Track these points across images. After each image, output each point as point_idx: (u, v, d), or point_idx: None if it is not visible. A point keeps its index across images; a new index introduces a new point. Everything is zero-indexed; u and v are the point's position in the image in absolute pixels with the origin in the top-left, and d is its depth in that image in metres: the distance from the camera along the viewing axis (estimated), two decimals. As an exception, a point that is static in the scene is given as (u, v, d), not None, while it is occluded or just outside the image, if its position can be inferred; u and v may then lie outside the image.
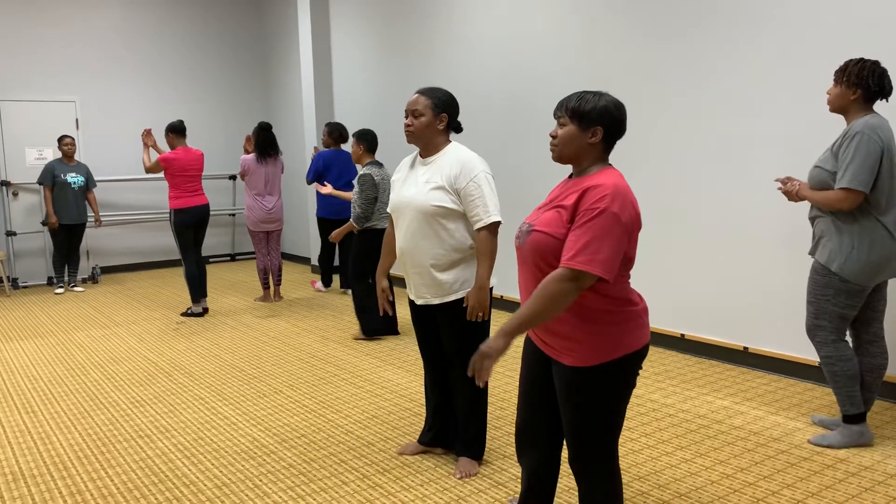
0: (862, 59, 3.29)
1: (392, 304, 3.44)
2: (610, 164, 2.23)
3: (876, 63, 3.27)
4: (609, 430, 2.21)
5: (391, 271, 5.86)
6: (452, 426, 3.45)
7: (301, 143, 9.56)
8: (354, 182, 5.49)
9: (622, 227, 2.04)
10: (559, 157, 2.22)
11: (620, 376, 2.17)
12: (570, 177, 2.27)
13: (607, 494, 2.27)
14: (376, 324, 5.71)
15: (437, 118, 3.12)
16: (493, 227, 3.07)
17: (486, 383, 3.29)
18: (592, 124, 2.14)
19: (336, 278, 8.47)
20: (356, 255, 5.66)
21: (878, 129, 3.21)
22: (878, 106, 3.56)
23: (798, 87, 4.30)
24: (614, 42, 5.35)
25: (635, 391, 4.32)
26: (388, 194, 5.12)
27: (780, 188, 3.50)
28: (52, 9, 8.95)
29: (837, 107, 3.37)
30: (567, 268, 2.03)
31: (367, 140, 5.60)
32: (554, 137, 2.22)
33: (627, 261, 2.15)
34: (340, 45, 8.59)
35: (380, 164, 5.57)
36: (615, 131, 2.19)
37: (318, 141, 8.54)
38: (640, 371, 2.22)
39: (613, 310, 2.14)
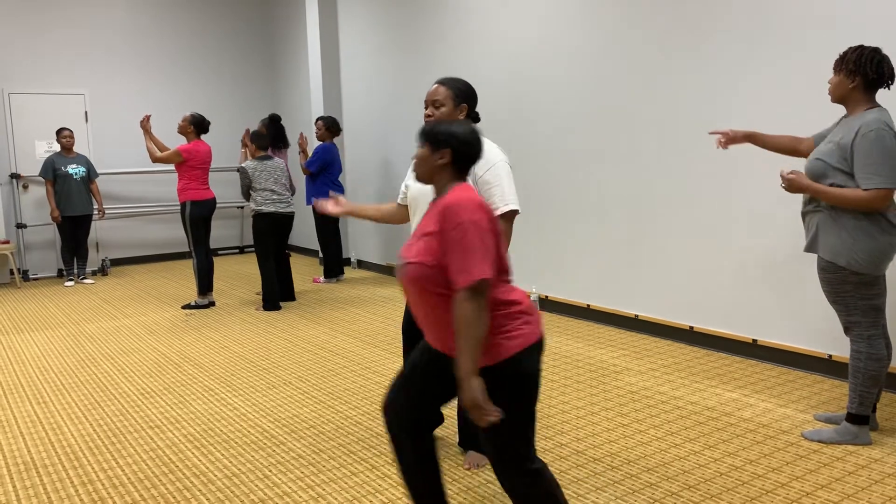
0: (861, 47, 3.22)
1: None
2: (463, 182, 2.30)
3: (875, 50, 3.21)
4: (520, 429, 2.21)
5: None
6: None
7: (308, 137, 9.55)
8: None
9: (485, 230, 2.14)
10: (419, 178, 2.34)
11: (516, 373, 2.18)
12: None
13: (539, 494, 2.25)
14: (275, 299, 6.63)
15: (458, 109, 3.11)
16: (510, 216, 3.04)
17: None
18: (441, 146, 2.26)
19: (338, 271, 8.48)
20: (254, 237, 6.59)
21: (891, 124, 3.16)
22: (881, 95, 3.53)
23: (807, 82, 4.27)
24: (620, 41, 5.33)
25: (644, 383, 4.32)
26: (272, 182, 6.52)
27: (784, 177, 3.34)
28: (62, 2, 8.97)
29: (838, 96, 3.31)
30: (462, 289, 2.10)
31: (259, 140, 6.63)
32: (414, 159, 2.35)
33: (501, 266, 2.24)
34: (348, 40, 8.58)
35: (265, 158, 6.59)
36: (464, 153, 2.28)
37: (312, 135, 8.56)
38: (542, 366, 2.25)
39: (495, 313, 2.18)
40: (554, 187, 6.06)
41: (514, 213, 3.05)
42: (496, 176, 3.03)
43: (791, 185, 3.32)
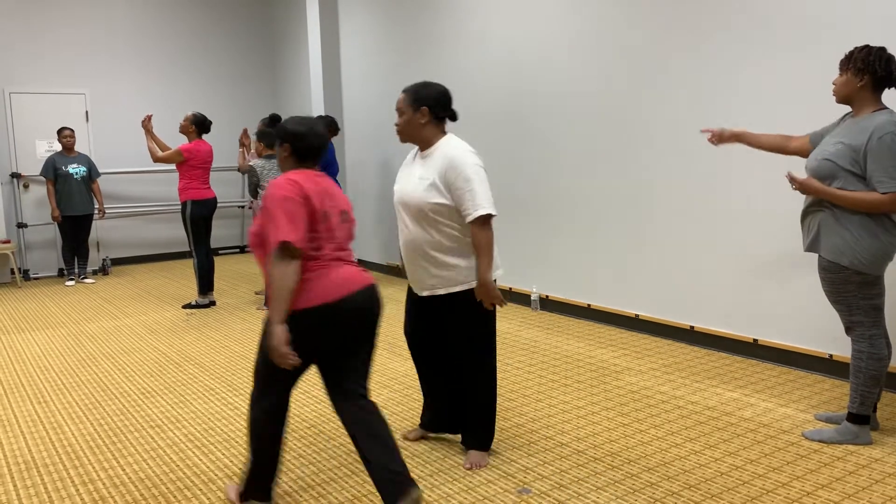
0: (867, 46, 3.21)
1: None
2: (299, 169, 2.72)
3: (882, 49, 3.20)
4: (260, 368, 2.70)
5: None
6: (451, 411, 3.47)
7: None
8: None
9: (289, 202, 2.55)
10: (280, 169, 2.82)
11: (293, 328, 2.53)
12: None
13: (251, 429, 2.73)
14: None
15: (417, 113, 3.12)
16: (483, 220, 3.05)
17: (495, 375, 3.30)
18: (282, 143, 2.74)
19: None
20: None
21: None
22: (886, 95, 3.52)
23: (807, 82, 4.27)
24: (620, 38, 5.32)
25: (645, 383, 4.32)
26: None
27: (796, 179, 3.33)
28: (62, 2, 8.97)
29: (844, 95, 3.30)
30: (272, 252, 2.52)
31: (267, 138, 6.53)
32: None
33: (314, 237, 2.62)
34: (349, 40, 8.58)
35: (273, 157, 6.45)
36: (299, 147, 2.72)
37: None
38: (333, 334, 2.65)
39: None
40: (554, 187, 6.06)
41: (487, 216, 3.04)
42: (466, 181, 3.03)
43: (802, 187, 3.31)
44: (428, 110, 3.12)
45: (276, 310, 2.49)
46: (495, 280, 3.17)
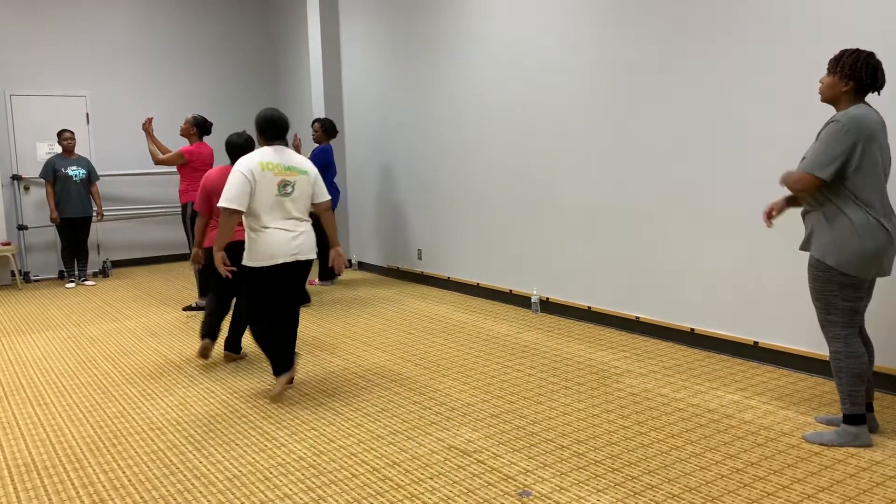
0: (857, 51, 3.24)
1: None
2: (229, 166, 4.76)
3: (870, 55, 3.22)
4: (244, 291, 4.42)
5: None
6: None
7: (310, 140, 9.56)
8: None
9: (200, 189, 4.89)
10: None
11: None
12: None
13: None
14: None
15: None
16: (221, 211, 4.02)
17: (257, 323, 4.59)
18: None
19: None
20: None
21: (859, 119, 3.17)
22: (872, 98, 3.54)
23: (806, 83, 4.27)
24: (620, 40, 5.33)
25: (646, 385, 4.33)
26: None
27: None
28: (63, 4, 8.98)
29: (828, 97, 3.34)
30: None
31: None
32: None
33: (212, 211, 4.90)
34: (349, 42, 8.59)
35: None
36: (226, 149, 4.86)
37: (308, 137, 8.56)
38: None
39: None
40: (555, 189, 6.07)
41: (221, 209, 3.99)
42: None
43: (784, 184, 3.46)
44: (258, 134, 4.20)
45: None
46: (295, 262, 4.17)
